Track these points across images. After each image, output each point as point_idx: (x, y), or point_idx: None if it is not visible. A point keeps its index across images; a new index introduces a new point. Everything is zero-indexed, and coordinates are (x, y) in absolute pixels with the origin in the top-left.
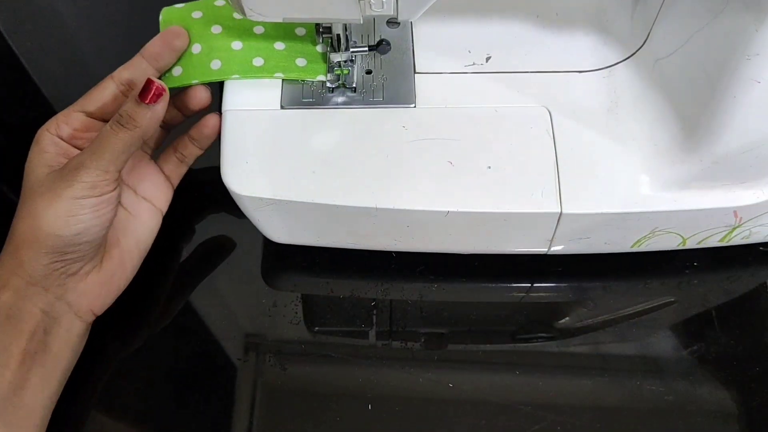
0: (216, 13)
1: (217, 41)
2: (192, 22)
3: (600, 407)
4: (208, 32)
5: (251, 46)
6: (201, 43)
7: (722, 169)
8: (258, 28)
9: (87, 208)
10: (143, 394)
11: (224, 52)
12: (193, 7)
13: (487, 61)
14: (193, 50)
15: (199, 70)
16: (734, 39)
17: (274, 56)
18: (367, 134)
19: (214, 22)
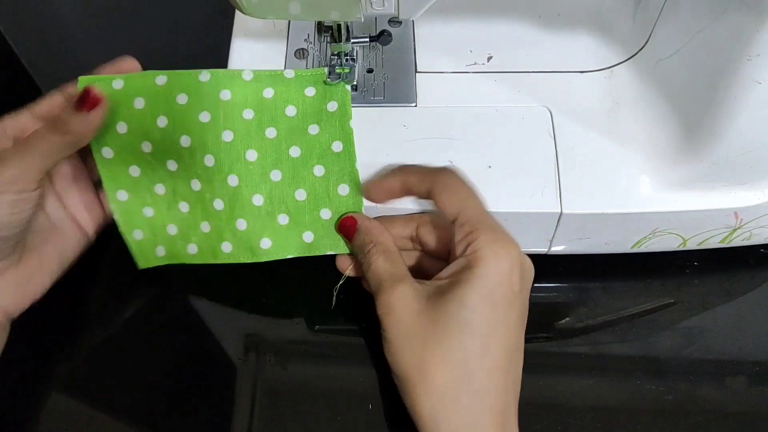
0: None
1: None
2: None
3: (600, 407)
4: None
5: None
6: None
7: (723, 170)
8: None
9: (5, 204)
10: (143, 394)
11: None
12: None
13: (488, 61)
14: (169, 231)
15: None
16: (735, 40)
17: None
18: (367, 133)
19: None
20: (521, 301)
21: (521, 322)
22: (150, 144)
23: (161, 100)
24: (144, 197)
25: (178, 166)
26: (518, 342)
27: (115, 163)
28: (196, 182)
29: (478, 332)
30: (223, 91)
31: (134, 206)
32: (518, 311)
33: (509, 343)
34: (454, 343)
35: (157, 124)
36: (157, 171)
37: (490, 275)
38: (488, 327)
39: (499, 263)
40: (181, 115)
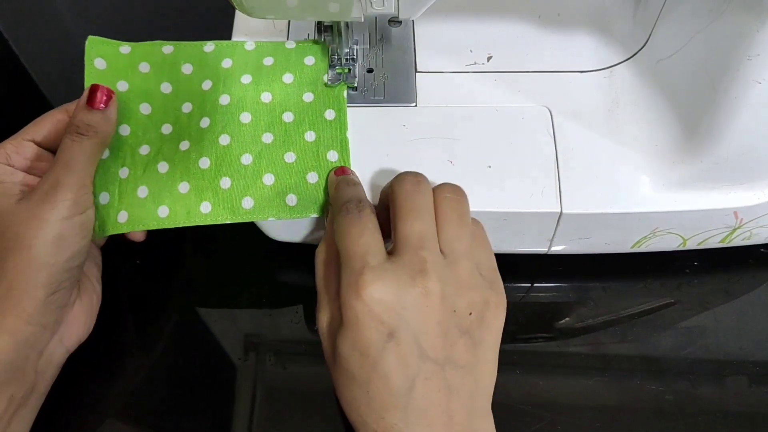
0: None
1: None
2: None
3: (600, 407)
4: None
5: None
6: (147, 185)
7: (723, 169)
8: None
9: (74, 226)
10: (143, 394)
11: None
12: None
13: (488, 61)
14: (139, 194)
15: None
16: (735, 40)
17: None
18: (367, 133)
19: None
20: (405, 327)
21: (410, 349)
22: (149, 106)
23: (166, 68)
24: (124, 157)
25: (173, 130)
26: (415, 369)
27: None
28: (185, 143)
29: (357, 381)
30: (225, 59)
31: (111, 165)
32: (397, 344)
33: (394, 380)
34: (347, 390)
35: (161, 89)
36: (148, 132)
37: (346, 328)
38: (364, 375)
39: (351, 312)
40: (185, 85)
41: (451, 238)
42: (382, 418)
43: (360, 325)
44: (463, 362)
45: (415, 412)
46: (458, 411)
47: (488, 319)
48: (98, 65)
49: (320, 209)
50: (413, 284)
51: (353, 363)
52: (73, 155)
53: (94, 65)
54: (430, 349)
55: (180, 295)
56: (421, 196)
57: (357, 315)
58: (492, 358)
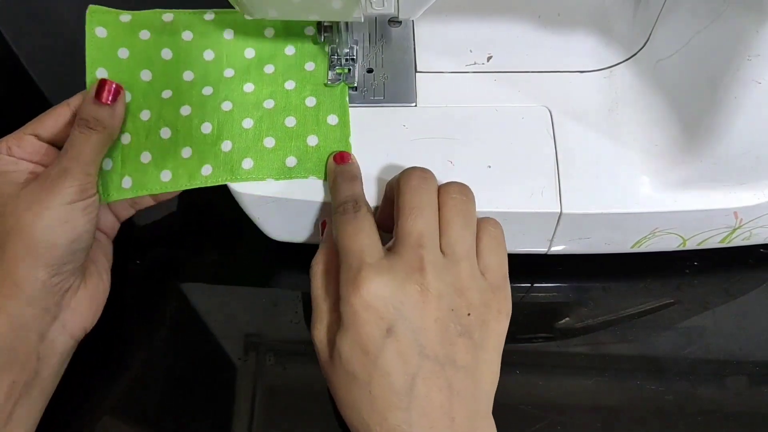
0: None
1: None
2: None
3: (600, 407)
4: None
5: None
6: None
7: (723, 170)
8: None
9: (79, 211)
10: (143, 394)
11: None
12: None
13: (488, 61)
14: (142, 159)
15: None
16: (735, 40)
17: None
18: (367, 133)
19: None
20: (404, 324)
21: (410, 347)
22: (150, 73)
23: (166, 35)
24: (125, 123)
25: (173, 95)
26: (415, 368)
27: None
28: (186, 108)
29: (359, 382)
30: (227, 29)
31: None
32: (396, 341)
33: (395, 378)
34: (347, 393)
35: (161, 55)
36: (148, 98)
37: (345, 327)
38: (365, 374)
39: (350, 310)
40: (185, 52)
41: (453, 240)
42: (385, 419)
43: (359, 321)
44: (464, 363)
45: (418, 413)
46: (460, 413)
47: (489, 321)
48: (99, 34)
49: (319, 172)
50: (410, 281)
51: (355, 362)
52: (82, 148)
53: (95, 34)
54: (429, 347)
55: (180, 295)
56: (426, 193)
57: (356, 311)
58: (493, 361)
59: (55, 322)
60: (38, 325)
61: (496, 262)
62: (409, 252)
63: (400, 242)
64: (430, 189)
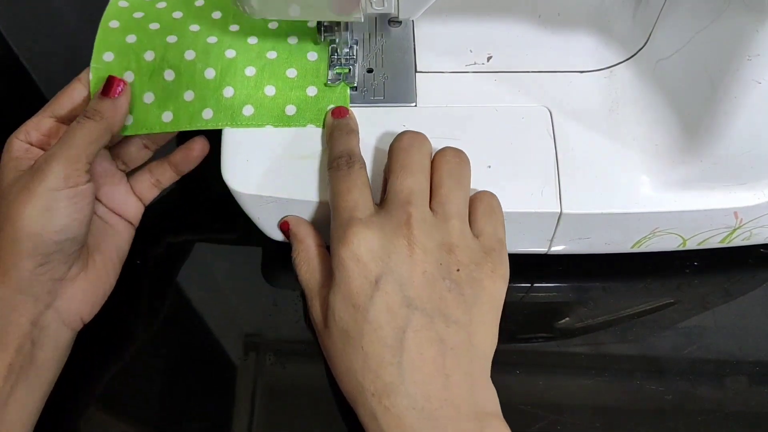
0: None
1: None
2: None
3: (600, 407)
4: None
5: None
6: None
7: (723, 169)
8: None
9: (63, 200)
10: (143, 393)
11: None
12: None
13: (488, 61)
14: (145, 99)
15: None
16: (735, 40)
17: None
18: (367, 133)
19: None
20: (391, 274)
21: (397, 298)
22: (158, 24)
23: (181, 1)
24: (129, 61)
25: (178, 40)
26: (405, 320)
27: (114, 32)
28: (190, 52)
29: (352, 341)
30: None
31: (115, 69)
32: (384, 293)
33: (385, 332)
34: (341, 358)
35: (172, 15)
36: (153, 41)
37: (335, 282)
38: (356, 330)
39: (338, 263)
40: (196, 12)
41: (443, 199)
42: (378, 377)
43: (349, 275)
44: (455, 318)
45: (410, 368)
46: (455, 371)
47: (482, 280)
48: (122, 4)
49: (317, 121)
50: (398, 235)
51: (346, 318)
52: (73, 134)
53: (118, 4)
54: (417, 299)
55: (180, 294)
56: (416, 152)
57: (345, 265)
58: (489, 321)
59: (49, 310)
60: (29, 312)
61: (490, 226)
62: (398, 209)
63: (389, 200)
64: (422, 150)
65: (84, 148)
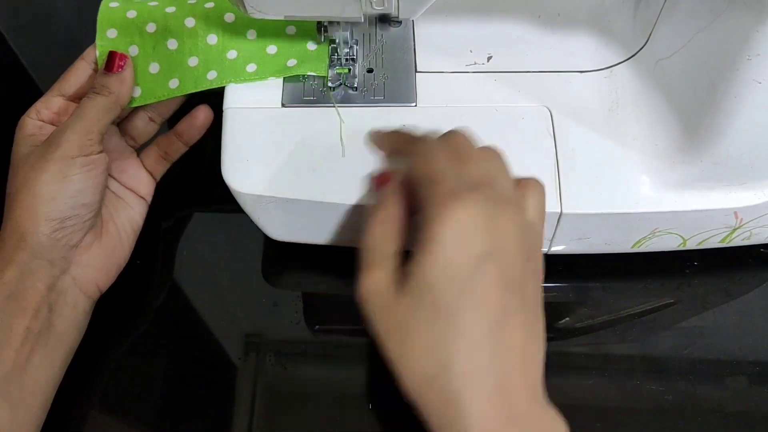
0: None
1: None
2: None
3: (600, 407)
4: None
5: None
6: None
7: (723, 169)
8: (211, 37)
9: (77, 167)
10: (143, 394)
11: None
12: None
13: (488, 61)
14: (151, 70)
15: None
16: (735, 39)
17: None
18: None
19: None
20: (498, 253)
21: (501, 278)
22: (157, 2)
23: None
24: (132, 36)
25: (177, 10)
26: (506, 300)
27: (115, 10)
28: (190, 20)
29: (444, 313)
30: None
31: (120, 44)
32: (492, 269)
33: (488, 309)
34: (425, 331)
35: (166, 11)
36: (153, 13)
37: (438, 246)
38: (453, 303)
39: (444, 228)
40: (189, 6)
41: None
42: (471, 356)
43: (451, 246)
44: (532, 306)
45: (502, 349)
46: (533, 359)
47: (538, 272)
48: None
49: (318, 69)
50: (502, 211)
51: (440, 291)
52: (84, 108)
53: None
54: (515, 281)
55: (180, 294)
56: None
57: (448, 235)
58: (542, 317)
59: (65, 275)
60: (45, 276)
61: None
62: (489, 190)
63: (428, 186)
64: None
65: (96, 121)
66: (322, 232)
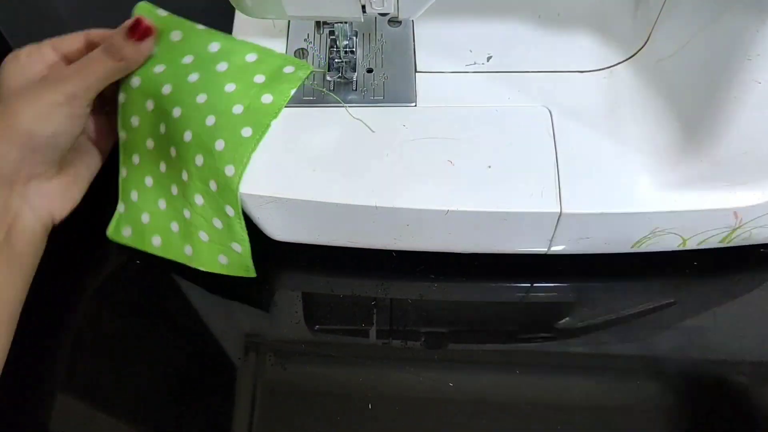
0: None
1: None
2: None
3: (600, 407)
4: None
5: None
6: None
7: (723, 169)
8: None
9: (62, 115)
10: (143, 394)
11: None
12: None
13: (488, 61)
14: (142, 219)
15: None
16: (735, 40)
17: None
18: (367, 133)
19: None
20: None
21: None
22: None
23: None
24: (156, 197)
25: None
26: None
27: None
28: (199, 197)
29: None
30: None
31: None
32: None
33: None
34: None
35: (173, 113)
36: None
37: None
38: None
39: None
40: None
41: None
42: None
43: None
44: None
45: None
46: None
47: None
48: None
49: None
50: None
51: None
52: (91, 66)
53: None
54: None
55: (180, 295)
56: None
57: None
58: None
59: (23, 202)
60: (3, 197)
61: None
62: None
63: None
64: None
65: (96, 82)
66: (322, 232)
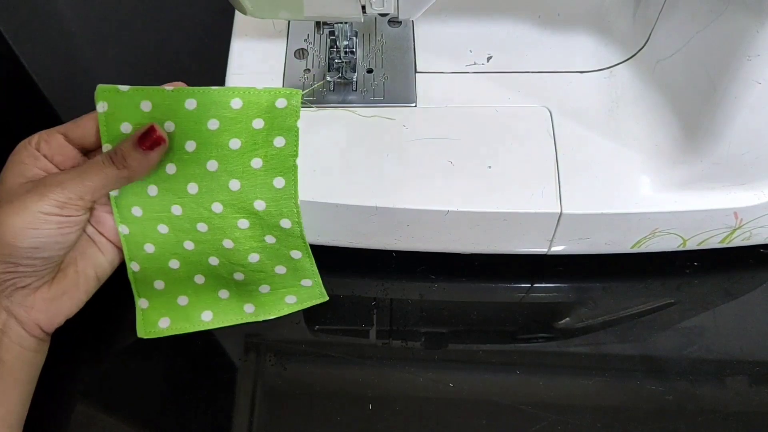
0: None
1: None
2: None
3: (600, 407)
4: None
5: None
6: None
7: (723, 170)
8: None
9: (51, 224)
10: (143, 394)
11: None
12: None
13: (488, 61)
14: (179, 302)
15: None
16: (735, 40)
17: None
18: (367, 133)
19: None
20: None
21: None
22: (180, 207)
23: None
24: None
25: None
26: None
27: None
28: (254, 255)
29: None
30: (211, 120)
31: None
32: None
33: None
34: None
35: (188, 190)
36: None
37: None
38: None
39: None
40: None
41: None
42: None
43: None
44: None
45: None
46: None
47: None
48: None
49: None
50: None
51: None
52: (92, 172)
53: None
54: None
55: None
56: None
57: None
58: None
59: (8, 316)
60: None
61: None
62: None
63: None
64: None
65: (95, 190)
66: (322, 232)
